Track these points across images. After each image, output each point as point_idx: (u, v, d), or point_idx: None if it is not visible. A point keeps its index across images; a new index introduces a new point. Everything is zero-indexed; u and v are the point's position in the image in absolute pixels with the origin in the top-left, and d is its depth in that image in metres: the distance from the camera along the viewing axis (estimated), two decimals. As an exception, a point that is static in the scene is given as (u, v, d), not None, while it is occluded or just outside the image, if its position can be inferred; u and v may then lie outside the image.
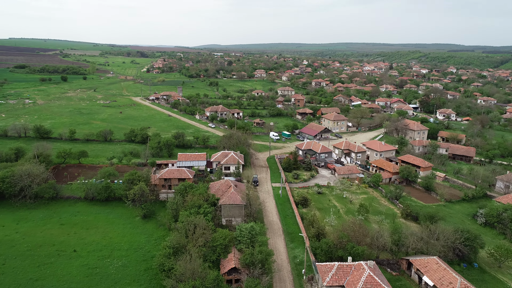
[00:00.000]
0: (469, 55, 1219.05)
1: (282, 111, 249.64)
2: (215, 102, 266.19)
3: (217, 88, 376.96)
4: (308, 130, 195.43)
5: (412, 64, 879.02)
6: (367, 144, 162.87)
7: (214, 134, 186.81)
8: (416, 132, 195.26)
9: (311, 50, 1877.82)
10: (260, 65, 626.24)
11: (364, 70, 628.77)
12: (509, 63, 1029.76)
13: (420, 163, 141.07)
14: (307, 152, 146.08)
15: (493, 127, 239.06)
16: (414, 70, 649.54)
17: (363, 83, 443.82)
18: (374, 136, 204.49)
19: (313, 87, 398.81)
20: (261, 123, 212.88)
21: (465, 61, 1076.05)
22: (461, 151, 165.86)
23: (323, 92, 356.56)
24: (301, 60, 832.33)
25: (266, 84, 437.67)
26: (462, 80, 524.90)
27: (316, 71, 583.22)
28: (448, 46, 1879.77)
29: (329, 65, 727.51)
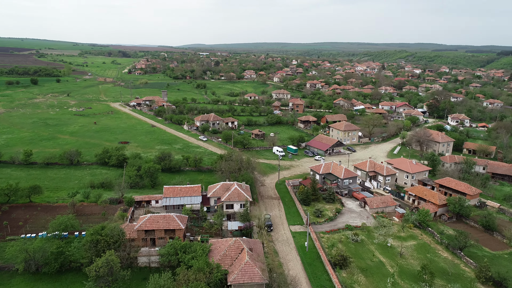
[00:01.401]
0: (455, 54, 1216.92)
1: (281, 119, 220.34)
2: (204, 109, 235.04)
3: (205, 91, 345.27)
4: (317, 144, 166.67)
5: (403, 64, 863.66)
6: (393, 163, 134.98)
7: (207, 151, 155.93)
8: (441, 144, 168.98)
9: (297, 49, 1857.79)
10: (248, 65, 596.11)
11: (356, 71, 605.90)
12: (494, 62, 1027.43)
13: (466, 189, 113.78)
14: (325, 177, 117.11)
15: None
16: (408, 70, 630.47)
17: (360, 85, 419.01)
18: (392, 149, 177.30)
19: (309, 89, 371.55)
20: (261, 134, 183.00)
21: (452, 60, 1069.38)
22: (502, 169, 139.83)
23: (320, 95, 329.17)
24: (290, 60, 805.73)
25: (257, 86, 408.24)
26: (459, 80, 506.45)
27: (308, 72, 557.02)
28: (431, 46, 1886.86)
29: (320, 65, 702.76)
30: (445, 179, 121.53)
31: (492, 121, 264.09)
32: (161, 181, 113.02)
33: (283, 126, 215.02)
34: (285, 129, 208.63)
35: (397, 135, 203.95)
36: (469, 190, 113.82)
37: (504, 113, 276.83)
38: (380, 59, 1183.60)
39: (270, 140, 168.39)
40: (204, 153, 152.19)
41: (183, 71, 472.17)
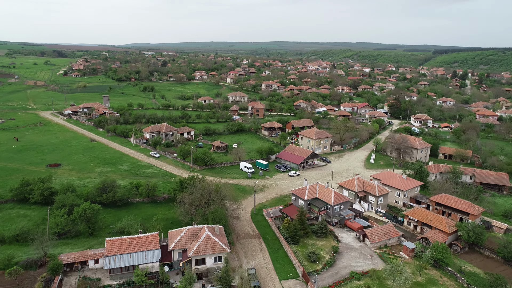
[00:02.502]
0: (396, 53, 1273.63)
1: (243, 126, 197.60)
2: (154, 116, 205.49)
3: (153, 94, 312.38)
4: (288, 156, 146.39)
5: (351, 63, 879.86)
6: (381, 178, 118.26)
7: (161, 171, 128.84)
8: (419, 150, 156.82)
9: (245, 48, 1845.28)
10: (198, 65, 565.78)
11: (309, 70, 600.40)
12: (431, 60, 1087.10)
13: (468, 208, 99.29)
14: (311, 203, 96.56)
15: (478, 135, 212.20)
16: (358, 69, 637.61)
17: (316, 85, 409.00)
18: (367, 157, 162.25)
19: (265, 90, 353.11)
20: (223, 146, 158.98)
21: (394, 59, 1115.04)
22: (491, 178, 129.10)
23: (279, 96, 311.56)
24: (241, 59, 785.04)
25: (210, 88, 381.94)
26: (407, 79, 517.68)
27: (261, 72, 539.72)
28: (372, 45, 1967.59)
29: (272, 64, 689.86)
30: (441, 196, 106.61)
31: (451, 120, 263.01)
32: (104, 222, 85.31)
33: (246, 134, 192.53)
34: (249, 138, 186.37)
35: (368, 140, 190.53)
36: (472, 209, 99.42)
37: (461, 112, 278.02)
38: (327, 58, 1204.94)
39: (236, 153, 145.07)
40: (158, 174, 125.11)
41: (127, 72, 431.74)
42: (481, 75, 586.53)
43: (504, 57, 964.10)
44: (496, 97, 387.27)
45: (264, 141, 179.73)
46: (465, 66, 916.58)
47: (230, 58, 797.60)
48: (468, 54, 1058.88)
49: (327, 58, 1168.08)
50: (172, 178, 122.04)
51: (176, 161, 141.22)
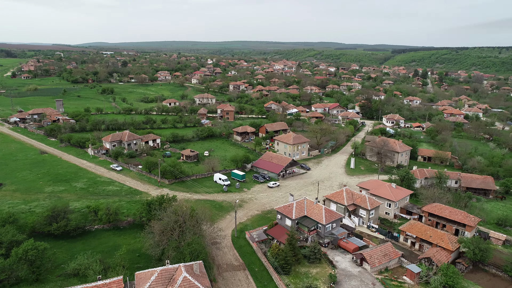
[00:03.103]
0: (357, 52, 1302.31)
1: (213, 131, 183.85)
2: (115, 122, 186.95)
3: (113, 97, 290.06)
4: (266, 164, 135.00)
5: (316, 62, 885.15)
6: (368, 187, 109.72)
7: (124, 188, 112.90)
8: (400, 154, 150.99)
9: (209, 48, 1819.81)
10: (161, 65, 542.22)
11: (275, 70, 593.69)
12: (391, 59, 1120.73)
13: (465, 219, 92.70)
14: (300, 223, 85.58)
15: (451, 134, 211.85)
16: (323, 69, 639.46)
17: (284, 85, 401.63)
18: (347, 162, 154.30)
19: (233, 91, 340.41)
20: (194, 155, 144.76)
21: (355, 58, 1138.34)
22: (477, 182, 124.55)
23: (248, 98, 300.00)
24: (205, 59, 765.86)
25: (174, 89, 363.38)
26: (372, 78, 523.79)
27: (227, 72, 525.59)
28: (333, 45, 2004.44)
29: (237, 64, 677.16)
30: (435, 206, 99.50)
31: (421, 119, 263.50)
32: (53, 261, 69.30)
33: (217, 140, 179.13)
34: (220, 144, 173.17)
35: (345, 143, 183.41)
36: (468, 219, 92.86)
37: (430, 111, 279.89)
38: (291, 57, 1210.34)
39: (208, 163, 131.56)
40: (121, 192, 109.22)
41: (84, 73, 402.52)
42: (440, 73, 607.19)
43: (457, 56, 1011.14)
44: (457, 95, 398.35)
45: (238, 148, 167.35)
46: (422, 65, 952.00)
47: (194, 58, 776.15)
48: (425, 53, 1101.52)
49: (291, 58, 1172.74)
50: (137, 196, 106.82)
51: (142, 174, 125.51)
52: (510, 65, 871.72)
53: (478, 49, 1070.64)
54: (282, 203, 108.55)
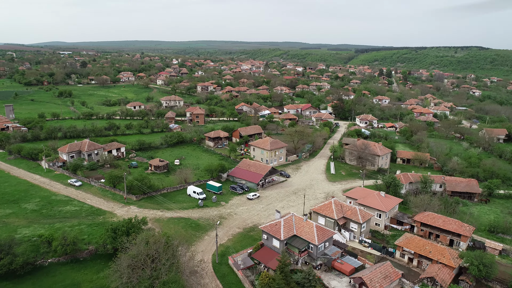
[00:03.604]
0: (322, 52, 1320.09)
1: (183, 136, 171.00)
2: (73, 129, 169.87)
3: (71, 101, 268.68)
4: (243, 173, 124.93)
5: (283, 62, 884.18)
6: (356, 197, 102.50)
7: (84, 207, 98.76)
8: (381, 157, 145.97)
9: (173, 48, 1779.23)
10: (124, 66, 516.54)
11: (243, 70, 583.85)
12: (354, 59, 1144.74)
13: (459, 229, 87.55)
14: (289, 244, 76.32)
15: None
16: (291, 68, 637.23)
17: (253, 85, 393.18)
18: (326, 167, 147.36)
19: (201, 93, 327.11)
20: (163, 166, 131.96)
21: (321, 58, 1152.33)
22: (461, 186, 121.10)
23: (217, 99, 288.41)
24: (170, 59, 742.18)
25: (139, 91, 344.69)
26: (339, 77, 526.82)
27: (193, 72, 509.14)
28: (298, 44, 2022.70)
29: (204, 64, 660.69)
30: (427, 215, 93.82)
31: (393, 119, 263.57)
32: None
33: (188, 147, 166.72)
34: (191, 151, 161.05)
35: (322, 146, 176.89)
36: (463, 229, 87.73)
37: (400, 110, 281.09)
38: (257, 57, 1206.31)
39: (180, 174, 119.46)
40: (80, 213, 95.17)
41: (38, 75, 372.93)
42: (404, 73, 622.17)
43: (417, 55, 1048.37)
44: (422, 94, 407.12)
45: (210, 154, 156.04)
46: (384, 64, 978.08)
47: (158, 58, 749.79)
48: (386, 53, 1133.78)
49: (257, 57, 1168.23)
50: (100, 216, 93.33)
51: (105, 190, 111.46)
52: (465, 64, 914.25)
53: (436, 49, 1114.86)
54: (264, 217, 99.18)
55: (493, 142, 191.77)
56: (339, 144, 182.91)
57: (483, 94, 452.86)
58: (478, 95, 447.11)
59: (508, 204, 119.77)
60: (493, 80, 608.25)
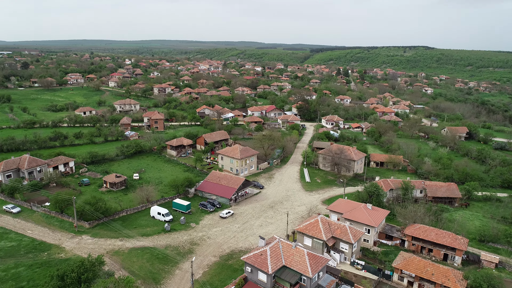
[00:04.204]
0: (278, 52, 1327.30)
1: (142, 145, 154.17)
2: (11, 141, 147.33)
3: (10, 106, 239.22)
4: (213, 187, 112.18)
5: (240, 62, 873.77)
6: (340, 210, 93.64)
7: (23, 241, 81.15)
8: (356, 162, 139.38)
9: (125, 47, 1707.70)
10: (71, 66, 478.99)
11: (201, 70, 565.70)
12: (310, 58, 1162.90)
13: (453, 242, 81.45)
14: (278, 277, 65.25)
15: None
16: (250, 68, 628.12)
17: (213, 86, 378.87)
18: (300, 174, 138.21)
19: (159, 95, 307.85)
20: (121, 182, 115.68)
21: (277, 57, 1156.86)
22: (442, 190, 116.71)
23: (176, 102, 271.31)
24: (122, 59, 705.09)
25: (89, 94, 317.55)
26: (299, 77, 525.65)
27: (148, 73, 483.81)
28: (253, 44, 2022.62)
29: (159, 64, 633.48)
30: (418, 229, 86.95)
31: (358, 119, 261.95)
32: None
33: (147, 157, 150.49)
34: (152, 162, 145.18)
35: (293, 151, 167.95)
36: (458, 242, 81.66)
37: (363, 110, 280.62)
38: (213, 56, 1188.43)
39: (141, 192, 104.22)
40: (18, 249, 77.77)
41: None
42: (360, 72, 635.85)
43: (369, 54, 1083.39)
44: (381, 92, 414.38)
45: (174, 165, 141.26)
46: (339, 63, 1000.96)
47: (109, 58, 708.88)
48: (340, 52, 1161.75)
49: (214, 57, 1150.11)
50: (44, 253, 76.75)
51: (50, 216, 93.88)
52: (414, 63, 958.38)
53: (386, 48, 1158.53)
54: (242, 240, 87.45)
55: (457, 141, 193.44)
56: (309, 147, 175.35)
57: (435, 92, 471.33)
58: (430, 93, 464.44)
59: (486, 207, 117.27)
60: (442, 78, 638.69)
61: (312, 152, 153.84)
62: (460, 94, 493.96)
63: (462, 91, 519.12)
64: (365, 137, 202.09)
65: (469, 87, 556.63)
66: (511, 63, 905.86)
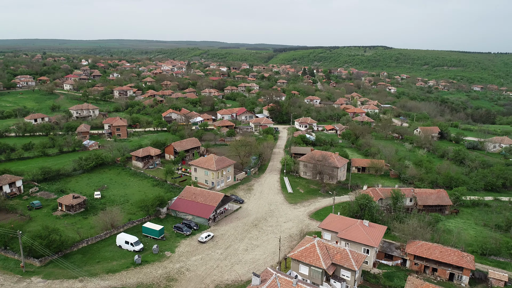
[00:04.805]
0: (242, 51, 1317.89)
1: (103, 157, 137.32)
2: None
3: None
4: (189, 206, 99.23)
5: (204, 62, 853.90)
6: (335, 228, 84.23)
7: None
8: (339, 169, 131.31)
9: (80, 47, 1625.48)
10: (21, 68, 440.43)
11: (164, 71, 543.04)
12: (274, 58, 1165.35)
13: (460, 261, 74.59)
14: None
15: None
16: (215, 69, 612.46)
17: (178, 88, 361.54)
18: (281, 183, 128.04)
19: (119, 98, 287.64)
20: (79, 204, 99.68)
21: (241, 57, 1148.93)
22: (432, 198, 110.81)
23: (140, 106, 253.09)
24: (78, 59, 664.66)
25: (41, 99, 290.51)
26: (265, 77, 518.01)
27: (108, 74, 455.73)
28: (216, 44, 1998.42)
29: (118, 65, 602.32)
30: (420, 246, 79.27)
31: (331, 120, 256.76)
32: None
33: (110, 171, 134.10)
34: (115, 176, 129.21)
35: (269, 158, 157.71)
36: (465, 261, 74.76)
37: (335, 111, 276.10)
38: (175, 56, 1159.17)
39: (104, 216, 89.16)
40: None
41: None
42: (325, 71, 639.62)
43: (331, 54, 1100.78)
44: (348, 92, 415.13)
45: (141, 179, 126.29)
46: (303, 63, 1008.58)
47: (64, 59, 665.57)
48: (304, 52, 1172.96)
49: (176, 57, 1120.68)
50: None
51: (-10, 253, 77.07)
52: (374, 62, 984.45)
53: (348, 48, 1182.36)
54: (227, 270, 75.69)
55: (432, 141, 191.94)
56: (285, 152, 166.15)
57: (398, 91, 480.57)
58: (394, 92, 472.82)
59: (476, 213, 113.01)
60: (403, 77, 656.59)
61: (291, 159, 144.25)
62: (422, 92, 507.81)
63: (423, 90, 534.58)
64: (341, 140, 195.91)
65: (429, 86, 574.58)
66: (463, 62, 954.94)
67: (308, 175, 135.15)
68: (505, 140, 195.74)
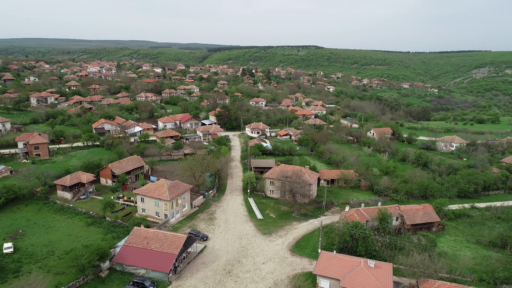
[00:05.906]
0: (175, 51, 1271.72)
1: (15, 189, 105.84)
2: None
3: None
4: (141, 256, 75.53)
5: (136, 63, 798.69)
6: (335, 275, 67.50)
7: None
8: (312, 186, 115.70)
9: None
10: None
11: (90, 73, 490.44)
12: (209, 58, 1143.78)
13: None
14: None
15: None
16: (149, 70, 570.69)
17: (108, 92, 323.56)
18: (248, 207, 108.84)
19: (38, 107, 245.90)
20: (-20, 267, 70.51)
21: (175, 57, 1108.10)
22: (419, 216, 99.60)
23: (64, 116, 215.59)
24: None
25: None
26: (204, 78, 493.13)
27: (22, 78, 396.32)
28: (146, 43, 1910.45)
29: (36, 67, 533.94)
30: (437, 286, 65.68)
31: (282, 124, 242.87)
32: None
33: (27, 207, 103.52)
34: (34, 215, 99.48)
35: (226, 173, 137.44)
36: (491, 302, 62.48)
37: (284, 114, 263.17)
38: (102, 57, 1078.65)
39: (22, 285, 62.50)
40: None
41: None
42: (264, 71, 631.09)
43: (266, 54, 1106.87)
44: (290, 93, 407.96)
45: (71, 217, 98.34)
46: (238, 62, 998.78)
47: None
48: (239, 52, 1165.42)
49: (103, 58, 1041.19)
50: None
51: None
52: (308, 61, 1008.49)
53: (282, 48, 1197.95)
54: None
55: (391, 144, 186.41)
56: (242, 166, 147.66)
57: (336, 90, 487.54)
58: (332, 91, 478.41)
59: (460, 226, 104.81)
60: (339, 76, 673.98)
61: (253, 175, 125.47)
62: (358, 91, 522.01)
63: (359, 88, 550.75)
64: (298, 147, 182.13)
65: (363, 84, 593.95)
66: (388, 60, 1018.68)
67: (275, 193, 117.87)
68: (455, 139, 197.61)
